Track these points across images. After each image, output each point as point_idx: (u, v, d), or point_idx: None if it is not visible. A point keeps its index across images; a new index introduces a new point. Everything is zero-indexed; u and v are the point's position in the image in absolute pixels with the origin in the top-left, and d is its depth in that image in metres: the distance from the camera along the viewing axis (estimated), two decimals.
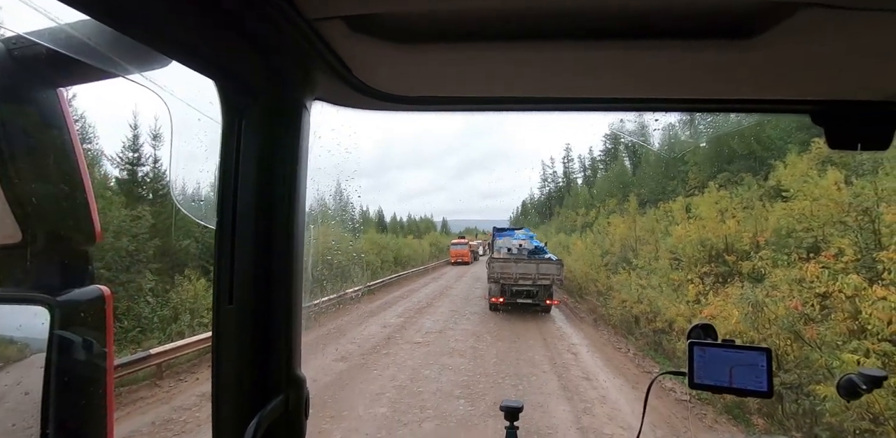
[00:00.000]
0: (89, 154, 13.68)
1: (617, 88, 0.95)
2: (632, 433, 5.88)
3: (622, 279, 13.76)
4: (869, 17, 0.62)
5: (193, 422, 6.20)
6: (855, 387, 1.01)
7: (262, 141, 0.74)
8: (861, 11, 0.60)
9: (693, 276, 10.76)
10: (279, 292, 0.76)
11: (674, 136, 26.50)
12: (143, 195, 14.10)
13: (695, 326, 1.12)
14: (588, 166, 63.55)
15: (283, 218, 0.76)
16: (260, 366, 0.75)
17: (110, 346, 0.85)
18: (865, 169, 9.90)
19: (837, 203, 8.35)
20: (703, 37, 0.71)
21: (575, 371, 8.82)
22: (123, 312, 10.65)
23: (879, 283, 5.95)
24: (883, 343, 5.53)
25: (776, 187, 12.05)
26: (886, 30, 0.66)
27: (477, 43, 0.73)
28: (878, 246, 7.16)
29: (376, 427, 5.94)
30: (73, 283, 0.75)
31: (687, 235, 12.24)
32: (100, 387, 0.78)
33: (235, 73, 0.69)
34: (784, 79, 0.88)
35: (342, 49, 0.74)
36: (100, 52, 0.61)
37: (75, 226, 0.75)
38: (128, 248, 11.65)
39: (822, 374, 5.92)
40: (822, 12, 0.60)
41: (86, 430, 0.78)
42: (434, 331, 12.07)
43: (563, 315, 15.48)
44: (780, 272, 7.89)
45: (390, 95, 0.93)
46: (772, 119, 16.06)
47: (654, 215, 17.60)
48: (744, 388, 0.96)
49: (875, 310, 5.59)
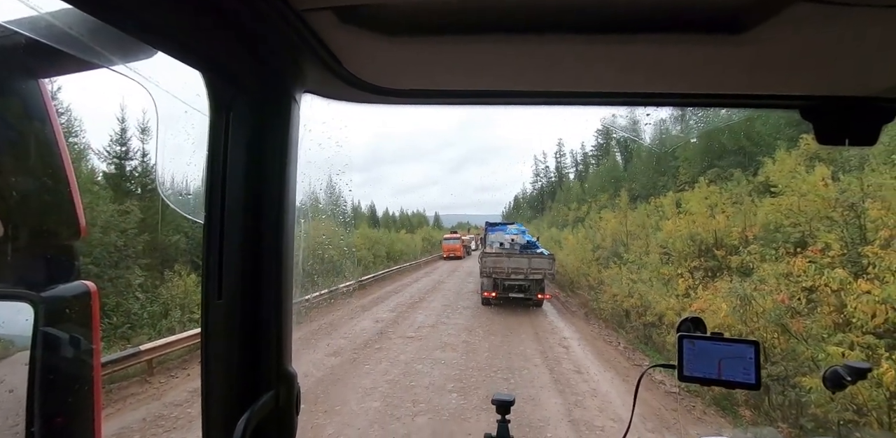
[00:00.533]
0: (75, 148, 13.44)
1: (609, 82, 0.95)
2: (622, 425, 5.97)
3: (613, 273, 13.88)
4: (859, 13, 0.62)
5: (185, 418, 6.17)
6: (840, 379, 1.03)
7: (251, 133, 0.73)
8: (852, 6, 0.60)
9: (683, 271, 10.89)
10: (269, 287, 0.75)
11: (665, 132, 26.67)
12: (131, 190, 13.90)
13: (684, 319, 1.13)
14: (580, 161, 63.84)
15: (272, 212, 0.75)
16: (250, 362, 0.75)
17: (97, 343, 0.83)
18: (852, 165, 10.04)
19: (824, 198, 8.47)
20: (695, 31, 0.71)
21: (566, 364, 8.91)
22: (112, 308, 10.54)
23: (864, 277, 6.06)
24: (867, 335, 5.64)
25: (765, 183, 12.18)
26: (876, 25, 0.67)
27: (469, 35, 0.72)
28: (863, 241, 7.29)
29: (369, 421, 5.96)
30: (57, 279, 0.74)
31: (677, 230, 12.36)
32: (86, 384, 0.77)
33: (222, 63, 0.68)
34: (775, 74, 0.88)
35: (332, 40, 0.73)
36: (82, 42, 0.60)
37: (59, 221, 0.73)
38: (116, 244, 11.51)
39: (807, 366, 6.04)
40: (813, 7, 0.61)
41: (72, 428, 0.77)
42: (426, 326, 12.11)
43: (555, 309, 15.60)
44: (767, 266, 8.01)
45: (381, 88, 0.92)
46: (761, 115, 16.21)
47: (645, 210, 17.74)
48: (732, 380, 0.98)
49: (860, 304, 5.70)
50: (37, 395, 0.70)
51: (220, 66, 0.69)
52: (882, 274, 5.84)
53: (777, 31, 0.68)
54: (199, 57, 0.64)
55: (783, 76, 0.90)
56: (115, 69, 0.64)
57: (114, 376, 7.28)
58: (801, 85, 0.95)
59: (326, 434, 5.59)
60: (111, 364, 7.00)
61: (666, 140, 25.55)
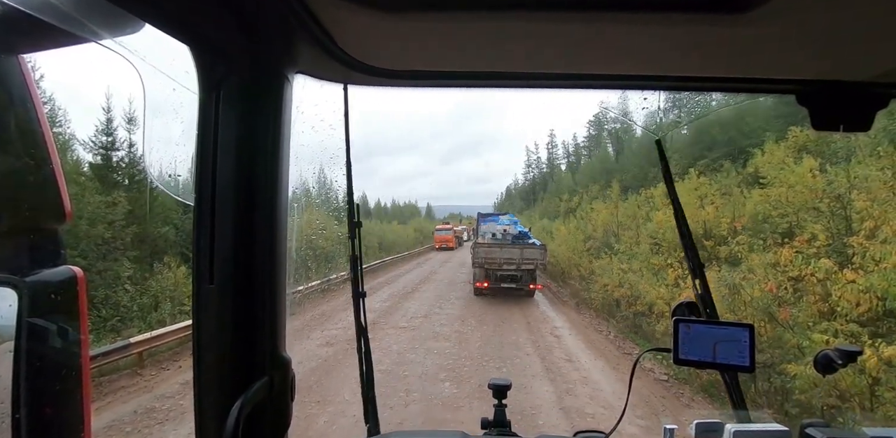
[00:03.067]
0: (60, 138, 13.12)
1: (608, 64, 0.93)
2: (612, 412, 6.07)
3: (604, 263, 14.00)
4: None
5: (177, 410, 6.16)
6: (831, 362, 1.05)
7: (242, 113, 0.71)
8: None
9: (673, 261, 11.00)
10: (262, 270, 0.73)
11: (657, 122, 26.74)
12: (118, 181, 13.64)
13: (679, 304, 1.14)
14: (572, 152, 64.02)
15: (265, 193, 0.73)
16: (243, 347, 0.73)
17: (84, 330, 0.81)
18: (840, 157, 10.17)
19: (812, 190, 8.58)
20: (696, 10, 0.70)
21: (558, 353, 9.01)
22: (101, 301, 10.42)
23: (849, 267, 6.18)
24: (851, 324, 5.77)
25: (754, 174, 12.31)
26: (873, 8, 0.66)
27: (466, 12, 0.70)
28: (848, 232, 7.41)
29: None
30: (42, 263, 0.71)
31: (667, 221, 12.45)
32: (74, 372, 0.75)
33: (211, 39, 0.65)
34: (772, 57, 0.88)
35: (326, 16, 0.70)
36: (65, 12, 0.57)
37: (43, 203, 0.70)
38: (104, 236, 11.33)
39: (793, 354, 6.17)
40: None
41: (61, 418, 0.75)
42: (419, 316, 12.16)
43: (547, 299, 15.73)
44: (756, 256, 8.12)
45: (377, 69, 0.90)
46: (751, 106, 16.30)
47: (636, 201, 17.85)
48: (727, 363, 0.99)
49: (844, 293, 5.81)
50: (22, 384, 0.68)
51: (209, 42, 0.66)
52: (866, 264, 5.96)
53: (778, 12, 0.67)
54: (188, 31, 0.62)
55: (781, 59, 0.89)
56: (102, 43, 0.61)
57: (104, 368, 7.22)
58: (798, 69, 0.94)
59: (320, 424, 5.63)
60: (101, 356, 6.93)
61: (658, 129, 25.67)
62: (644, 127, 27.48)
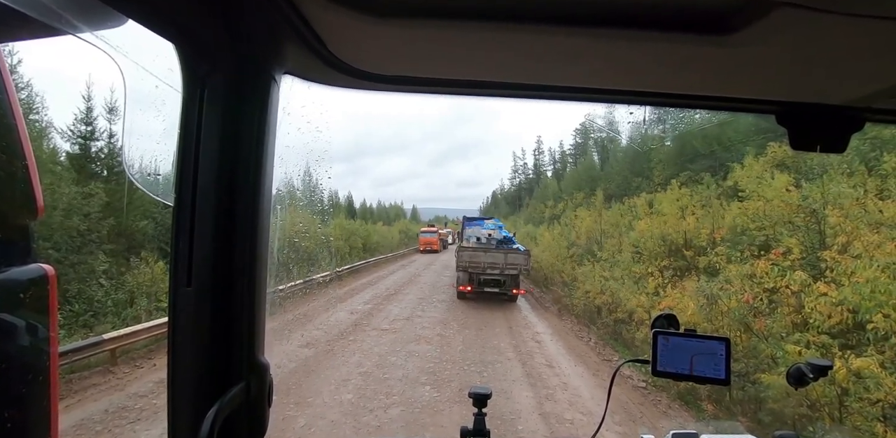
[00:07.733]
0: (36, 126, 12.74)
1: (593, 78, 0.94)
2: (591, 418, 6.11)
3: (586, 270, 14.14)
4: (841, 21, 0.63)
5: (150, 410, 6.00)
6: (803, 376, 1.07)
7: (226, 112, 0.69)
8: (834, 14, 0.61)
9: (653, 269, 11.18)
10: (242, 273, 0.72)
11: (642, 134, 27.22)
12: (96, 172, 13.28)
13: (659, 316, 1.15)
14: (558, 159, 64.71)
15: (247, 194, 0.72)
16: (220, 352, 0.72)
17: (54, 329, 0.79)
18: (815, 173, 10.47)
19: (788, 204, 8.80)
20: (682, 30, 0.71)
21: (539, 358, 9.05)
22: (74, 295, 10.11)
23: (822, 280, 6.34)
24: (822, 335, 5.93)
25: (733, 187, 12.58)
26: (855, 34, 0.68)
27: (458, 21, 0.70)
28: (822, 246, 7.62)
29: (342, 413, 5.93)
30: (11, 261, 0.69)
31: (649, 230, 12.67)
32: (42, 372, 0.72)
33: (197, 36, 0.64)
34: (755, 78, 0.90)
35: (315, 19, 0.69)
36: (44, 4, 0.55)
37: (13, 199, 0.68)
38: (79, 228, 11.00)
39: (766, 364, 6.31)
40: (796, 12, 0.61)
41: (27, 419, 0.72)
42: (401, 318, 12.10)
43: (529, 304, 15.82)
44: (733, 267, 8.29)
45: (365, 73, 0.89)
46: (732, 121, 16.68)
47: (619, 210, 18.10)
48: (703, 376, 1.00)
49: (817, 305, 5.97)
50: None
51: (193, 38, 0.65)
52: (838, 277, 6.12)
53: (761, 35, 0.69)
54: (172, 27, 0.60)
55: (762, 81, 0.91)
56: (82, 37, 0.59)
57: (74, 365, 7.00)
58: (779, 90, 0.97)
59: (298, 426, 5.54)
60: (72, 352, 6.72)
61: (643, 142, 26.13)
62: (629, 139, 27.97)
